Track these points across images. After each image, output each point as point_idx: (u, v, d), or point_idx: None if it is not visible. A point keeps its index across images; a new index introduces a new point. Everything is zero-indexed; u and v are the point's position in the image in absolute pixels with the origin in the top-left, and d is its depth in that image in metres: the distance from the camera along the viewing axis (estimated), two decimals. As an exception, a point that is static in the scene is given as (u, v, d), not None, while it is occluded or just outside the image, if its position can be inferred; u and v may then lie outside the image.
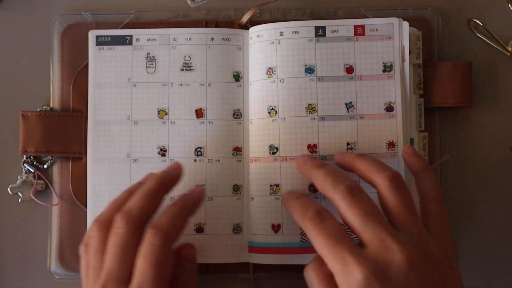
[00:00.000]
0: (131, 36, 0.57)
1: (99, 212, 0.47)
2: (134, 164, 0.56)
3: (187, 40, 0.57)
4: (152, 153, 0.56)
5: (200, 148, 0.56)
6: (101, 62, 0.57)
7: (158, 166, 0.55)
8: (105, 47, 0.57)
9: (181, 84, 0.56)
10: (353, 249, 0.42)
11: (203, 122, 0.56)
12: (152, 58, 0.56)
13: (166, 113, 0.56)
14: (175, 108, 0.56)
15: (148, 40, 0.57)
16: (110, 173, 0.56)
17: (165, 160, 0.55)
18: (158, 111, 0.56)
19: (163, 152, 0.56)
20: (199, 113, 0.56)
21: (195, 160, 0.56)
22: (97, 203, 0.56)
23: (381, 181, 0.45)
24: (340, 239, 0.42)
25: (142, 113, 0.56)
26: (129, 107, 0.56)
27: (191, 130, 0.56)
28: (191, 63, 0.56)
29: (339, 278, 0.41)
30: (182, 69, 0.56)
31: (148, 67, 0.56)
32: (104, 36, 0.57)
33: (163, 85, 0.56)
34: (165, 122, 0.56)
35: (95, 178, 0.56)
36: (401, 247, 0.41)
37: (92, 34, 0.57)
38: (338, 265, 0.41)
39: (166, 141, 0.56)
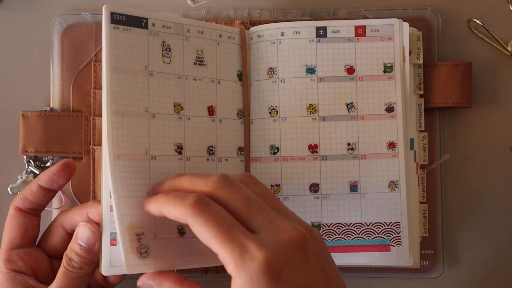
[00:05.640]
0: (146, 19, 0.51)
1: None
2: (152, 162, 0.50)
3: (199, 33, 0.54)
4: (169, 151, 0.51)
5: (212, 146, 0.54)
6: (117, 44, 0.50)
7: (176, 165, 0.51)
8: (121, 27, 0.50)
9: (194, 79, 0.53)
10: (248, 234, 0.40)
11: (213, 120, 0.54)
12: (168, 47, 0.52)
13: (182, 108, 0.52)
14: (190, 103, 0.53)
15: (163, 27, 0.52)
16: (131, 171, 0.48)
17: (181, 159, 0.52)
18: (175, 105, 0.52)
19: (179, 150, 0.52)
20: (211, 111, 0.54)
21: (207, 159, 0.53)
22: (117, 205, 0.47)
23: (210, 187, 0.43)
24: (232, 225, 0.40)
25: (160, 106, 0.51)
26: (146, 98, 0.51)
27: (204, 127, 0.53)
28: (203, 58, 0.54)
29: (236, 267, 0.39)
30: (195, 63, 0.54)
31: (164, 56, 0.52)
32: (120, 14, 0.50)
33: (178, 77, 0.53)
34: (181, 118, 0.52)
35: (114, 177, 0.47)
36: (291, 226, 0.40)
37: (106, 10, 0.49)
38: (236, 253, 0.39)
39: (182, 138, 0.52)
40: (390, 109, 0.55)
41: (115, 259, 0.48)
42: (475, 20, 0.59)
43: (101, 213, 0.48)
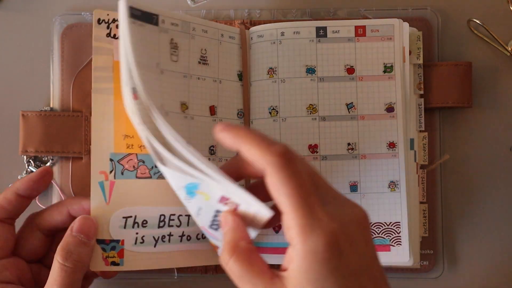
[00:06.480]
0: (157, 16, 0.50)
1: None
2: None
3: (203, 32, 0.54)
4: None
5: (213, 146, 0.54)
6: (136, 39, 0.47)
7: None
8: (137, 22, 0.48)
9: (198, 78, 0.53)
10: (321, 203, 0.37)
11: (215, 120, 0.54)
12: (175, 45, 0.52)
13: (187, 107, 0.52)
14: (194, 103, 0.53)
15: (172, 24, 0.52)
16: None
17: None
18: (181, 104, 0.52)
19: None
20: (212, 111, 0.54)
21: (209, 159, 0.53)
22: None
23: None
24: (311, 189, 0.38)
25: (170, 103, 0.51)
26: (160, 95, 0.50)
27: (206, 127, 0.53)
28: (206, 57, 0.54)
29: (302, 233, 0.36)
30: (199, 62, 0.54)
31: (172, 54, 0.52)
32: (136, 9, 0.48)
33: (184, 76, 0.52)
34: (186, 117, 0.52)
35: None
36: (354, 203, 0.40)
37: (123, 5, 0.46)
38: (306, 218, 0.36)
39: (187, 137, 0.51)
40: (390, 109, 0.55)
41: None
42: (475, 20, 0.59)
43: (90, 209, 0.48)
